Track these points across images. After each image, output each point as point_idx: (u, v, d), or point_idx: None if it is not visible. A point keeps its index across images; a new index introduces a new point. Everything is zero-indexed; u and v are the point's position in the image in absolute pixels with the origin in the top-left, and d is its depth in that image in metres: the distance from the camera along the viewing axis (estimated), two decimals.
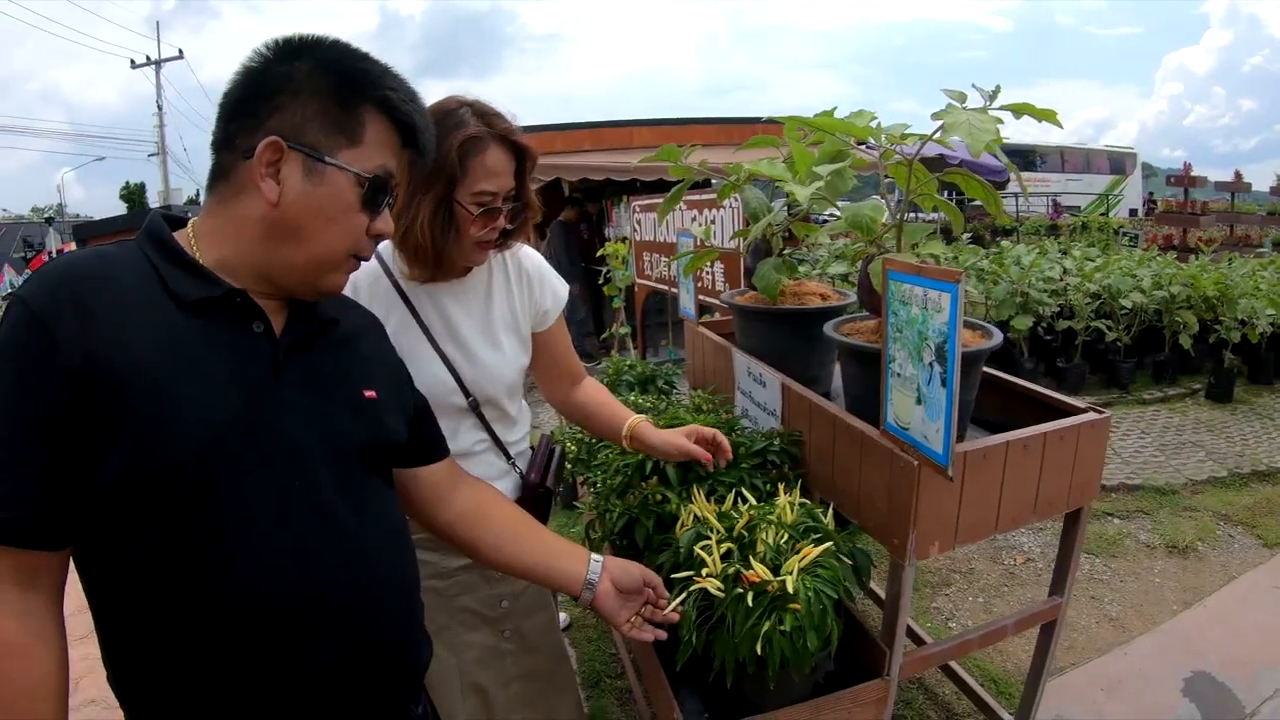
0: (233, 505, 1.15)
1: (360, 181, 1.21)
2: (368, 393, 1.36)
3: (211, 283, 1.19)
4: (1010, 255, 8.08)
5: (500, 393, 1.91)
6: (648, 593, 1.66)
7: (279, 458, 1.19)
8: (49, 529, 1.10)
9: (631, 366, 3.71)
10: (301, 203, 1.18)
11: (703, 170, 2.49)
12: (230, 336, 1.19)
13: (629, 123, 12.48)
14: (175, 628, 1.13)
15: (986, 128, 1.70)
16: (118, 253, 1.20)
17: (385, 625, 1.32)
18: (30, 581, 1.11)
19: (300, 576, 1.19)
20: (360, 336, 1.44)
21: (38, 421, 1.06)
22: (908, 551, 1.81)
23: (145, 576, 1.12)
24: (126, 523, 1.11)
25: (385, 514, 1.37)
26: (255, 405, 1.18)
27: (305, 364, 1.27)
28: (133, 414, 1.08)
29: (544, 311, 2.01)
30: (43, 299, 1.08)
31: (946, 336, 1.54)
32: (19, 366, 1.07)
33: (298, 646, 1.19)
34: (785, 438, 2.29)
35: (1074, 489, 2.03)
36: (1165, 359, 7.45)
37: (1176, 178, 13.26)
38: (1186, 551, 4.31)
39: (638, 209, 6.83)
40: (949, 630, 3.69)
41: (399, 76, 1.26)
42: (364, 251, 1.27)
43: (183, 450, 1.10)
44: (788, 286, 2.58)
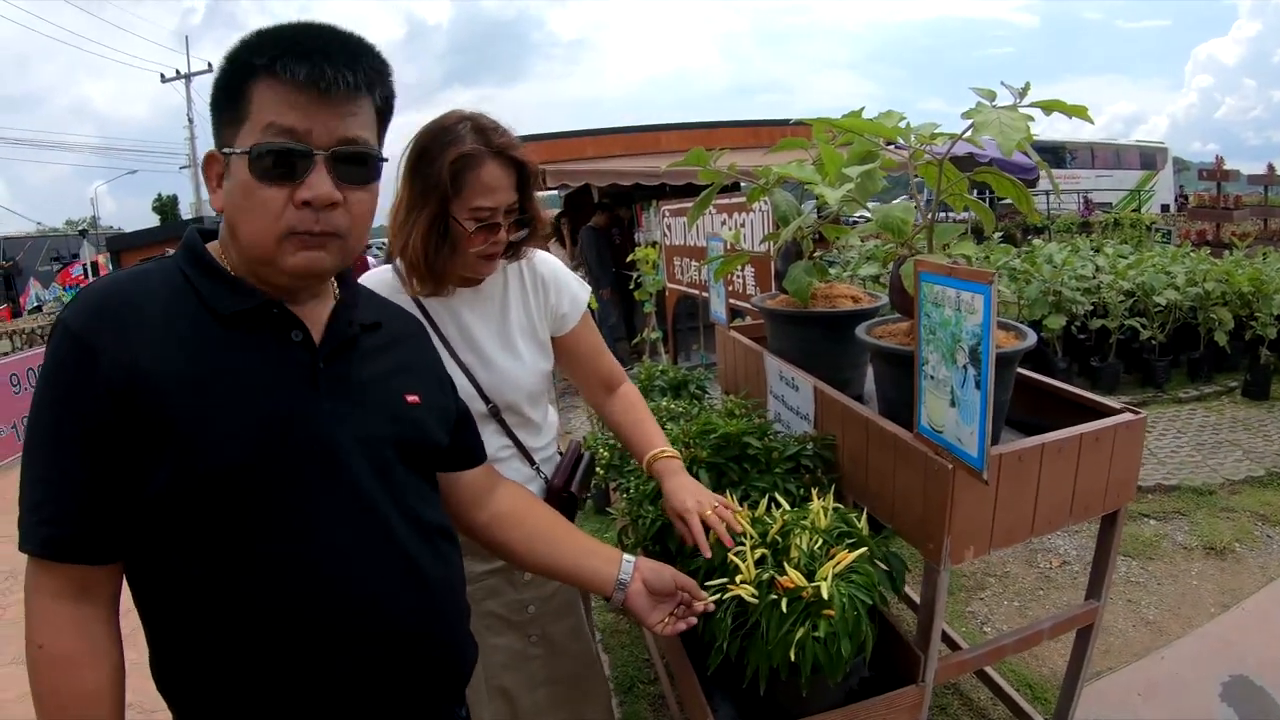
0: (277, 512, 1.17)
1: (242, 156, 1.15)
2: (410, 397, 1.37)
3: (247, 294, 1.21)
4: (1042, 254, 7.99)
5: (520, 399, 1.92)
6: (681, 595, 1.67)
7: (322, 464, 1.21)
8: (97, 543, 1.14)
9: (664, 372, 3.70)
10: (227, 200, 1.19)
11: (732, 174, 2.48)
12: (268, 347, 1.22)
13: (657, 127, 12.48)
14: (225, 632, 1.16)
15: (1018, 126, 1.68)
16: (155, 271, 1.22)
17: (430, 626, 1.33)
18: (83, 594, 1.15)
19: (346, 579, 1.21)
20: (403, 341, 1.45)
21: (82, 440, 1.10)
22: (943, 556, 1.79)
23: (194, 583, 1.15)
24: (175, 533, 1.14)
25: (429, 516, 1.38)
26: (295, 413, 1.19)
27: (346, 370, 1.29)
28: (174, 429, 1.11)
29: (561, 315, 2.01)
30: (83, 321, 1.12)
31: (980, 338, 1.53)
32: (64, 388, 1.11)
33: (344, 647, 1.22)
34: (818, 442, 2.28)
35: (1110, 491, 2.00)
36: (1200, 357, 7.35)
37: (1208, 172, 13.05)
38: (1224, 553, 4.25)
39: (667, 213, 6.82)
40: (984, 635, 3.65)
41: (269, 29, 1.17)
42: (299, 225, 1.17)
43: (223, 461, 1.13)
44: (819, 289, 2.57)
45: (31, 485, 1.13)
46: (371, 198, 1.26)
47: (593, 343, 2.11)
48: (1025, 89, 1.77)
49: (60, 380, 1.11)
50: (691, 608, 1.67)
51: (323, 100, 1.14)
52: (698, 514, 1.82)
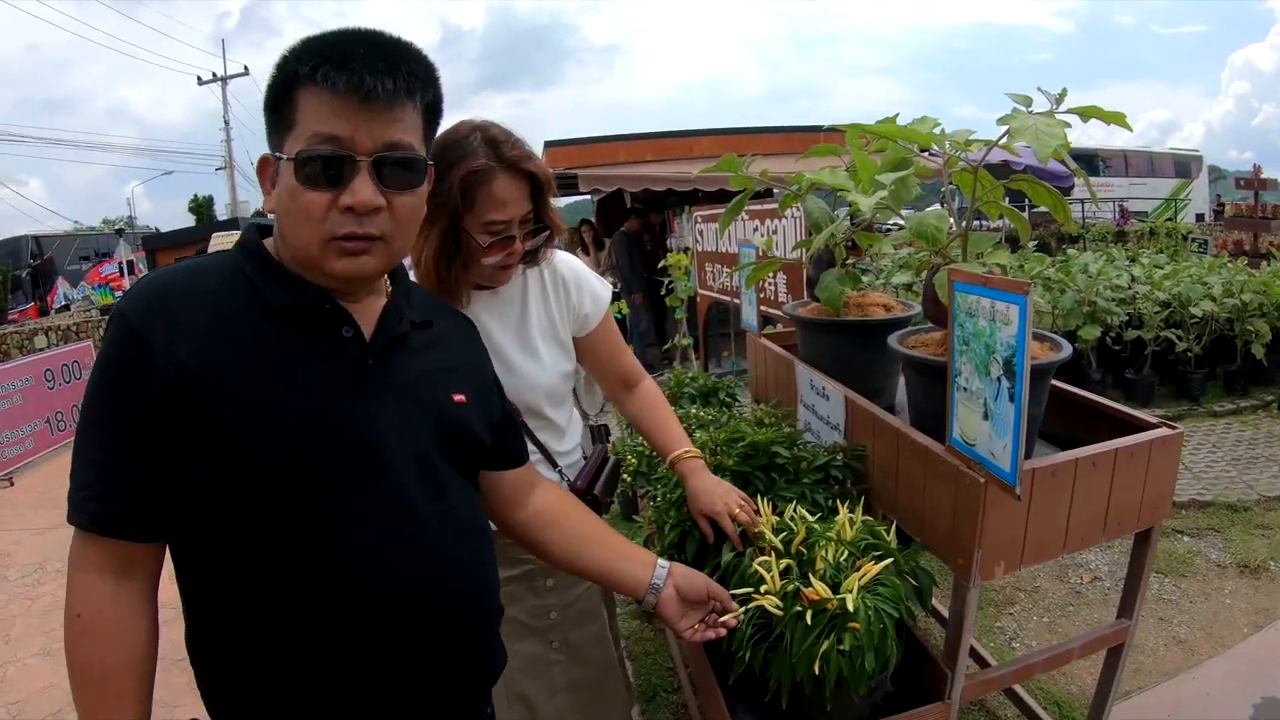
0: (318, 505, 1.20)
1: (289, 161, 1.18)
2: (457, 396, 1.39)
3: (299, 289, 1.24)
4: (1077, 263, 7.92)
5: (540, 400, 1.93)
6: (713, 604, 1.69)
7: (365, 459, 1.23)
8: (142, 522, 1.18)
9: (694, 379, 3.69)
10: (277, 205, 1.23)
11: (764, 180, 2.46)
12: (319, 341, 1.25)
13: (690, 133, 12.51)
14: (261, 616, 1.19)
15: (1054, 132, 1.65)
16: (211, 265, 1.26)
17: (463, 624, 1.34)
18: (125, 569, 1.20)
19: (383, 574, 1.23)
20: (452, 339, 1.47)
21: (133, 426, 1.15)
22: (972, 572, 1.76)
23: (233, 566, 1.18)
24: (217, 518, 1.17)
25: (469, 516, 1.39)
26: (341, 408, 1.23)
27: (395, 368, 1.31)
28: (221, 420, 1.15)
29: (584, 315, 2.01)
30: (139, 312, 1.17)
31: (1015, 350, 1.50)
32: (116, 377, 1.16)
33: (376, 641, 1.23)
34: (848, 453, 2.25)
35: (1145, 508, 1.96)
36: (1237, 369, 7.23)
37: (1246, 180, 12.82)
38: (1258, 571, 4.17)
39: (699, 219, 6.80)
40: (1012, 651, 3.60)
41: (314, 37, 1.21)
42: (341, 229, 1.19)
43: (267, 452, 1.16)
44: (851, 298, 2.54)
45: (84, 466, 1.18)
46: (417, 201, 1.28)
47: (614, 340, 2.12)
48: (1062, 95, 1.74)
49: (114, 370, 1.16)
50: (722, 617, 1.68)
51: (364, 107, 1.16)
52: (726, 514, 1.91)
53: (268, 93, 1.21)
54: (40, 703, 3.75)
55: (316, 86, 1.15)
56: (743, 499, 1.96)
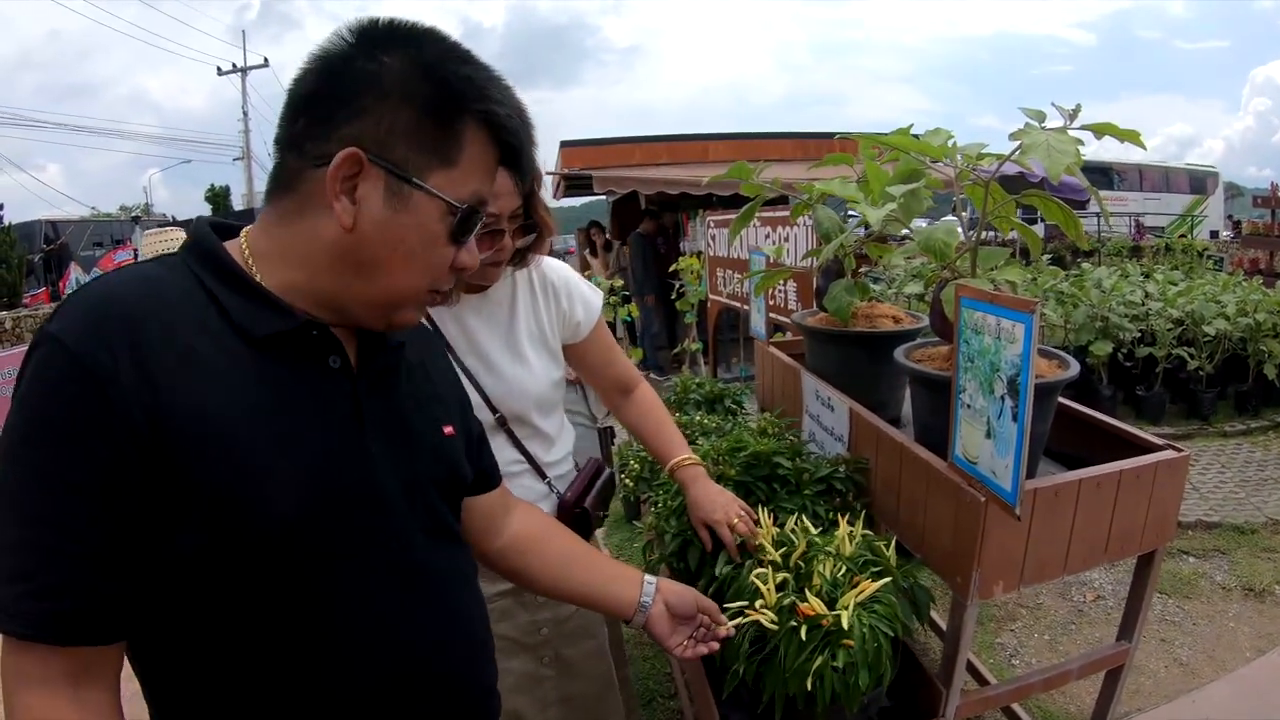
0: (329, 575, 1.04)
1: (452, 210, 1.03)
2: (446, 429, 1.27)
3: (283, 314, 1.02)
4: (1091, 278, 7.87)
5: (529, 407, 1.88)
6: (702, 618, 1.62)
7: (373, 516, 1.09)
8: (106, 620, 0.94)
9: (700, 385, 3.68)
10: (381, 230, 1.00)
11: (775, 188, 2.45)
12: (306, 375, 1.05)
13: (705, 136, 12.55)
14: (259, 708, 1.03)
15: (1066, 149, 1.63)
16: (166, 276, 1.02)
17: (478, 677, 1.28)
18: (86, 679, 0.94)
19: (399, 644, 1.11)
20: (427, 361, 1.32)
21: (93, 492, 0.89)
22: (971, 591, 1.74)
23: (222, 659, 1.00)
24: (202, 601, 0.97)
25: (463, 558, 1.31)
26: (344, 461, 1.06)
27: (385, 403, 1.15)
28: (210, 481, 0.94)
29: (576, 322, 1.98)
30: (88, 341, 0.90)
31: (1019, 369, 1.48)
32: (64, 427, 0.89)
33: (401, 710, 1.12)
34: (851, 465, 2.24)
35: (1148, 530, 1.94)
36: (1249, 389, 7.17)
37: (1263, 198, 12.77)
38: (1264, 595, 4.13)
39: (712, 224, 6.78)
40: (1012, 668, 3.58)
41: (504, 84, 1.07)
42: (444, 285, 1.10)
43: (271, 520, 0.97)
44: (860, 308, 2.53)
45: (15, 549, 0.90)
46: None
47: (606, 346, 2.09)
48: (1076, 111, 1.72)
49: (57, 415, 0.89)
50: (713, 632, 1.62)
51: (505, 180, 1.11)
52: (725, 524, 1.89)
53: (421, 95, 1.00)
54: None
55: (488, 142, 1.05)
56: (743, 509, 1.95)
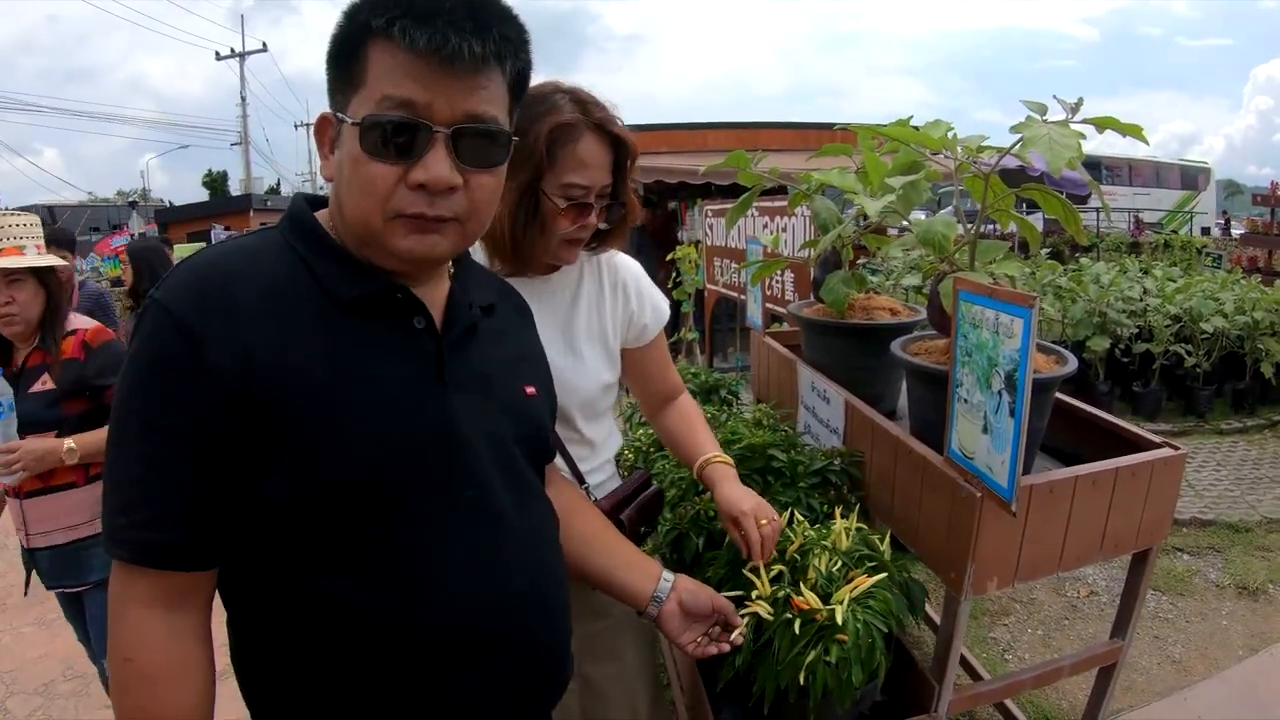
0: (409, 521, 1.09)
1: (355, 126, 1.02)
2: (529, 389, 1.30)
3: (368, 276, 1.10)
4: (1089, 273, 7.86)
5: (573, 406, 1.76)
6: (717, 617, 1.60)
7: (453, 467, 1.13)
8: (200, 550, 1.04)
9: (695, 375, 3.65)
10: (336, 172, 1.08)
11: (772, 177, 2.43)
12: (392, 335, 1.12)
13: (704, 126, 12.46)
14: (338, 652, 1.08)
15: (1068, 143, 1.62)
16: (262, 246, 1.11)
17: (554, 632, 1.28)
18: (179, 602, 1.06)
19: (481, 589, 1.14)
20: (516, 326, 1.38)
21: (188, 438, 0.99)
22: (964, 586, 1.73)
23: (304, 597, 1.07)
24: (287, 542, 1.05)
25: (547, 514, 1.32)
26: (425, 412, 1.11)
27: (468, 361, 1.19)
28: (297, 431, 1.02)
29: (643, 326, 1.89)
30: (185, 301, 1.00)
31: (1017, 364, 1.47)
32: (164, 378, 1.00)
33: (473, 662, 1.14)
34: (846, 458, 2.22)
35: (1144, 529, 1.93)
36: (1245, 388, 7.16)
37: (1263, 196, 12.76)
38: (1257, 594, 4.13)
39: (710, 213, 6.76)
40: (1005, 663, 3.58)
41: None
42: (409, 208, 1.05)
43: (356, 469, 1.04)
44: (857, 300, 2.51)
45: (122, 485, 1.02)
46: (496, 181, 1.13)
47: (666, 353, 2.00)
48: (1078, 104, 1.71)
49: (159, 369, 1.00)
50: (726, 632, 1.60)
51: (446, 71, 1.01)
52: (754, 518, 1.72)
53: (333, 44, 1.05)
54: (34, 671, 3.76)
55: (392, 43, 0.99)
56: (773, 518, 1.78)
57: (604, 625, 1.82)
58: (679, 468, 2.18)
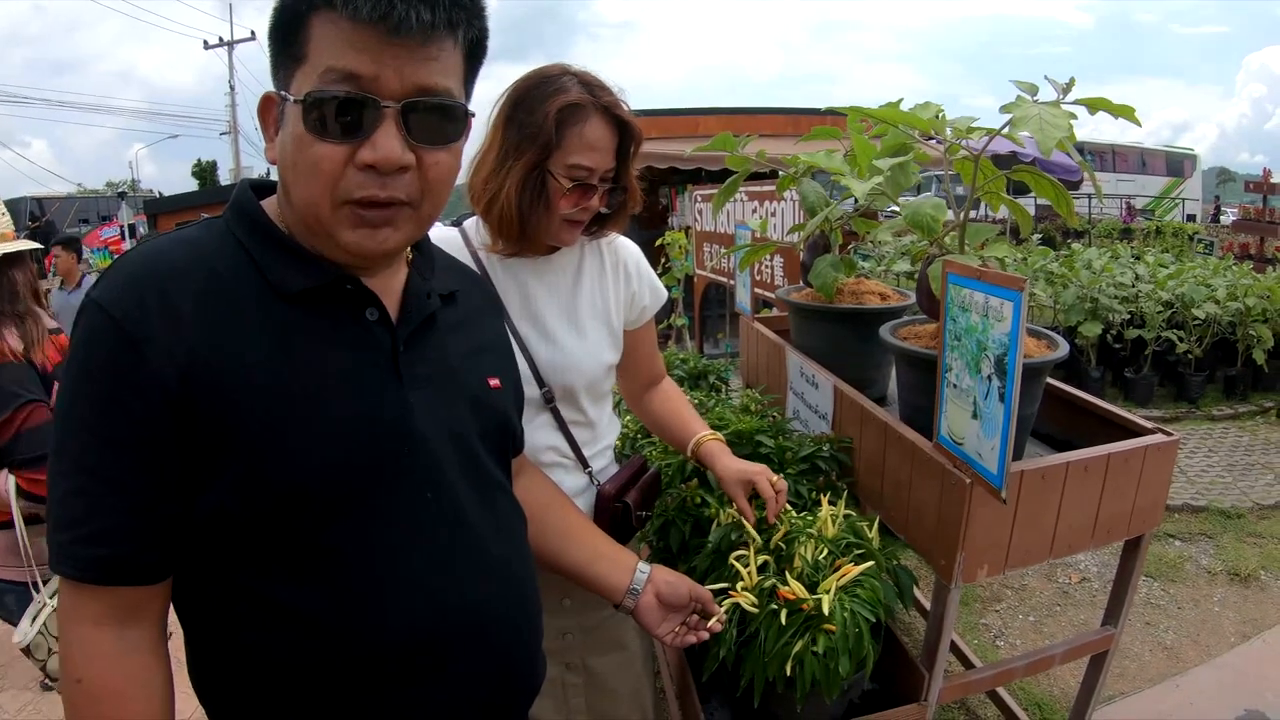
0: (363, 526, 1.04)
1: (297, 103, 0.95)
2: (492, 381, 1.25)
3: (316, 267, 1.04)
4: (1081, 258, 7.85)
5: (580, 385, 1.74)
6: (694, 606, 1.57)
7: (409, 468, 1.08)
8: (150, 562, 0.99)
9: (684, 360, 3.62)
10: (280, 153, 1.01)
11: (760, 160, 2.40)
12: (343, 329, 1.06)
13: (695, 111, 12.41)
14: (299, 660, 1.03)
15: (1059, 123, 1.58)
16: (204, 238, 1.04)
17: (519, 635, 1.24)
18: (131, 617, 1.00)
19: (441, 595, 1.10)
20: (479, 315, 1.31)
21: (132, 447, 0.94)
22: (954, 574, 1.71)
23: (259, 607, 1.02)
24: (241, 550, 1.00)
25: (513, 510, 1.28)
26: (381, 409, 1.06)
27: (426, 353, 1.14)
28: (243, 435, 0.97)
29: (643, 307, 1.88)
30: (124, 302, 0.94)
31: (1007, 348, 1.44)
32: (104, 385, 0.94)
33: (434, 671, 1.10)
34: (835, 444, 2.20)
35: (1136, 515, 1.91)
36: (1237, 374, 7.17)
37: (1255, 184, 12.79)
38: (1248, 580, 4.13)
39: (699, 198, 6.74)
40: (996, 649, 3.57)
41: None
42: (359, 191, 0.98)
43: (305, 474, 0.99)
44: (846, 284, 2.48)
45: (65, 499, 0.96)
46: (453, 159, 1.06)
47: (655, 339, 2.00)
48: (1070, 84, 1.68)
49: (99, 375, 0.94)
50: (703, 620, 1.57)
51: (392, 41, 0.94)
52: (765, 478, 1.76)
53: (274, 17, 0.97)
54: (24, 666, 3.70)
55: (334, 13, 0.92)
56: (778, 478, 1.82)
57: (606, 615, 1.78)
58: (665, 454, 2.15)
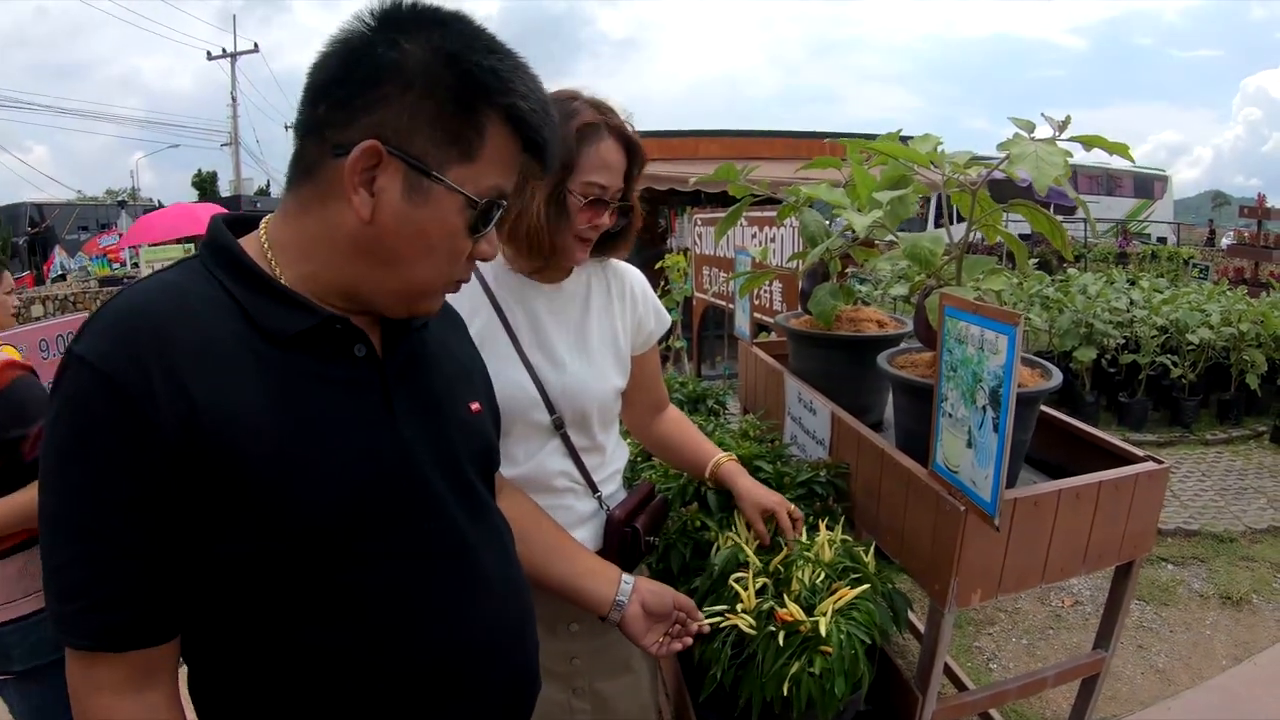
0: (373, 561, 1.05)
1: (471, 204, 1.01)
2: (473, 405, 1.27)
3: (304, 310, 1.02)
4: (1076, 284, 7.91)
5: (591, 411, 1.76)
6: (678, 615, 1.61)
7: (413, 502, 1.09)
8: (164, 621, 0.98)
9: (683, 384, 3.64)
10: (399, 223, 0.99)
11: (761, 189, 2.44)
12: (334, 368, 1.05)
13: (696, 133, 12.43)
14: (318, 697, 1.04)
15: (1054, 160, 1.63)
16: (187, 283, 1.01)
17: (526, 650, 1.28)
18: (148, 679, 0.99)
19: (453, 619, 1.12)
20: (451, 338, 1.33)
21: (136, 507, 0.91)
22: (948, 598, 1.74)
23: (278, 648, 1.02)
24: (254, 596, 1.00)
25: (503, 529, 1.30)
26: (376, 448, 1.06)
27: (413, 386, 1.15)
28: (251, 483, 0.95)
29: (649, 333, 1.92)
30: (116, 358, 0.90)
31: (1002, 380, 1.48)
32: (102, 446, 0.90)
33: (455, 696, 1.13)
34: (832, 469, 2.24)
35: (1127, 542, 1.94)
36: (1231, 399, 7.21)
37: (1249, 208, 12.85)
38: (1240, 604, 4.17)
39: (699, 222, 6.78)
40: (990, 672, 3.60)
41: (530, 74, 1.04)
42: (464, 275, 1.10)
43: (318, 516, 0.99)
44: (844, 311, 2.52)
45: (67, 567, 0.93)
46: None
47: (658, 363, 2.02)
48: (1065, 122, 1.72)
49: (95, 436, 0.90)
50: (687, 629, 1.61)
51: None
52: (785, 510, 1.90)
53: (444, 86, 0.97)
54: None
55: (511, 135, 1.03)
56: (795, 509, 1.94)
57: (613, 637, 1.74)
58: (666, 478, 2.19)
